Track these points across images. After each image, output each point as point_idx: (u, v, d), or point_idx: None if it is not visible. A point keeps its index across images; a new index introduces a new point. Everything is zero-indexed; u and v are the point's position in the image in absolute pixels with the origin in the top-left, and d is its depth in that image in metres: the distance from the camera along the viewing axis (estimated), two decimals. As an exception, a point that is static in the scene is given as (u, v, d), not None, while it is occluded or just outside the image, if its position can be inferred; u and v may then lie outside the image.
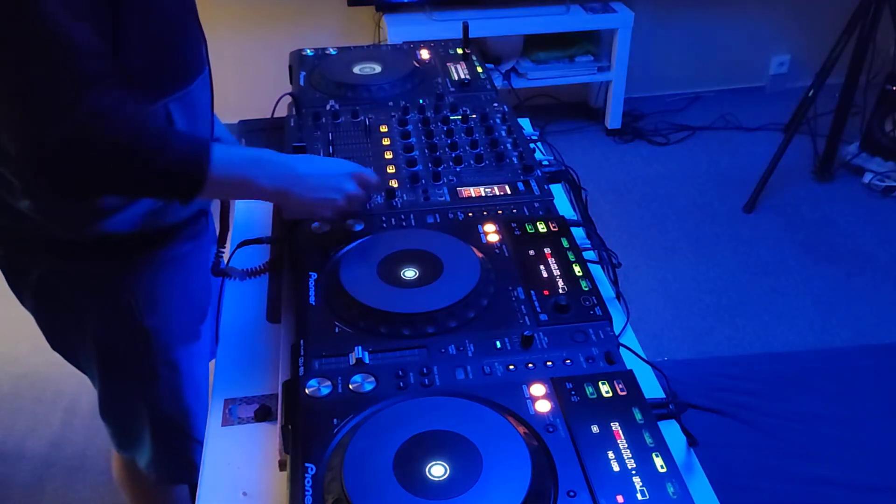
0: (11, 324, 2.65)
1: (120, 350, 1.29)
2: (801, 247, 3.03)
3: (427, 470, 0.77)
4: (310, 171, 1.10)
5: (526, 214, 1.17)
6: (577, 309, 0.99)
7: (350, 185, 1.11)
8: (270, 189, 1.06)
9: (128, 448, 1.47)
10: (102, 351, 1.30)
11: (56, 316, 1.30)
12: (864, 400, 1.74)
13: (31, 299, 1.28)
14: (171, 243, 1.26)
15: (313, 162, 1.16)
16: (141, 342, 1.28)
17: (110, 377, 1.35)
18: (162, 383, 1.33)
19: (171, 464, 1.45)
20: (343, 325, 0.97)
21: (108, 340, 1.28)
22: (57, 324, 1.32)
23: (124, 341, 1.28)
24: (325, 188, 1.09)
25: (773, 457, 1.61)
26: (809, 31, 3.92)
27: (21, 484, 2.15)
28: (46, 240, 1.18)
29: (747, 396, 1.74)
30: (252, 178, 1.05)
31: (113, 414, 1.43)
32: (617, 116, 3.73)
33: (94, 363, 1.33)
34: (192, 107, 1.18)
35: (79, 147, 0.94)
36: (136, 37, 1.04)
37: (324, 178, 1.10)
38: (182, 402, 1.37)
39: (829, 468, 1.59)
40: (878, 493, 1.54)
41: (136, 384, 1.33)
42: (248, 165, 1.06)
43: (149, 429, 1.39)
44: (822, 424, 1.68)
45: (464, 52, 1.67)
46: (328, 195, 1.09)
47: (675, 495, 0.75)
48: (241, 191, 1.07)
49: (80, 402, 2.38)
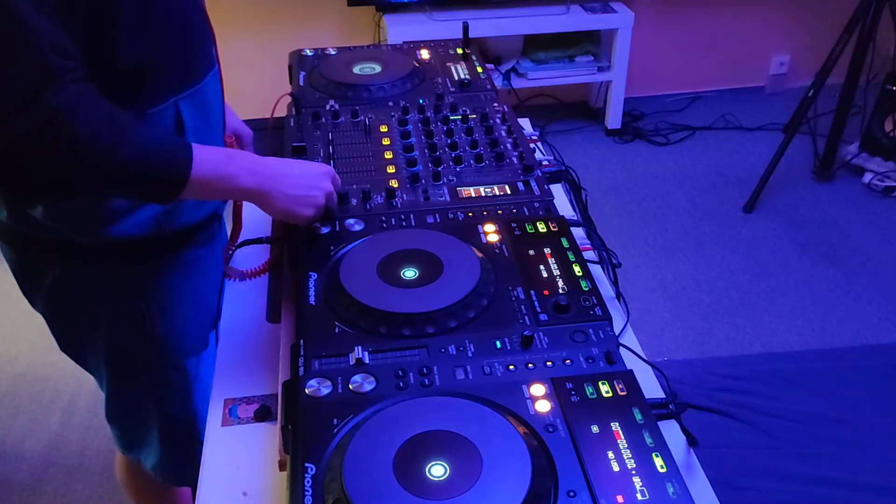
0: (11, 324, 2.66)
1: (131, 354, 1.29)
2: (801, 247, 3.03)
3: (427, 470, 0.77)
4: (288, 171, 1.10)
5: (526, 214, 1.17)
6: (577, 309, 0.99)
7: (327, 184, 1.12)
8: (250, 187, 1.06)
9: (133, 449, 1.47)
10: (113, 354, 1.30)
11: (68, 319, 1.30)
12: (864, 400, 1.74)
13: (44, 302, 1.28)
14: (185, 247, 1.26)
15: (289, 162, 1.15)
16: (152, 347, 1.28)
17: (120, 380, 1.34)
18: (172, 388, 1.33)
19: (178, 466, 1.45)
20: (343, 325, 0.97)
21: (119, 344, 1.28)
22: (69, 326, 1.32)
23: (135, 346, 1.27)
24: (305, 186, 1.09)
25: (773, 457, 1.61)
26: (809, 31, 3.92)
27: (20, 484, 2.15)
28: (61, 244, 1.17)
29: (747, 396, 1.74)
30: (232, 175, 1.04)
31: (121, 416, 1.42)
32: (617, 116, 3.73)
33: (103, 366, 1.32)
34: (202, 105, 1.17)
35: (31, 146, 0.91)
36: (133, 32, 1.02)
37: (302, 176, 1.10)
38: (191, 407, 1.37)
39: (829, 468, 1.59)
40: (878, 493, 1.54)
41: (146, 388, 1.33)
42: (227, 163, 1.05)
43: (157, 432, 1.39)
44: (822, 424, 1.68)
45: (464, 52, 1.67)
46: (308, 193, 1.09)
47: (675, 495, 0.75)
48: (221, 189, 1.06)
49: (78, 403, 2.38)
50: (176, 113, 1.13)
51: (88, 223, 1.14)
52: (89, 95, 0.94)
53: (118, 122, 0.96)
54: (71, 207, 1.13)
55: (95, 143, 0.93)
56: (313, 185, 1.10)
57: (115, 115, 0.96)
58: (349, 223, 1.14)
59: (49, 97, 0.90)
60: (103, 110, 0.95)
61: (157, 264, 1.24)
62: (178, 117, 1.13)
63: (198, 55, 1.16)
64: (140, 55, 1.04)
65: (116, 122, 0.96)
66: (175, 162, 0.99)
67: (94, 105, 0.94)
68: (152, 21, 1.05)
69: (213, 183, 1.03)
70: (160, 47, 1.07)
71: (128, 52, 1.03)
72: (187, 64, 1.14)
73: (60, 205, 1.12)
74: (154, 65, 1.07)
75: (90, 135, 0.93)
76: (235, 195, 1.08)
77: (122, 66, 1.03)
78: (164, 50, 1.08)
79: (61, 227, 1.14)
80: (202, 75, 1.17)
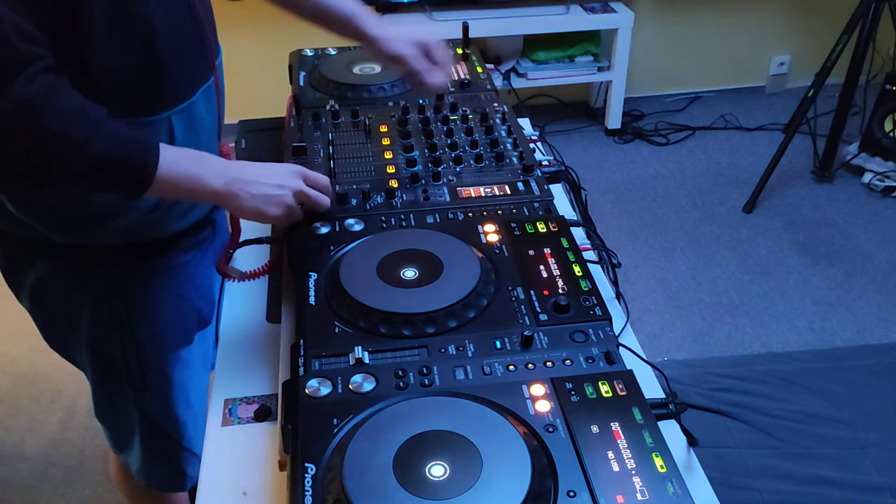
0: (10, 324, 2.65)
1: (111, 356, 1.28)
2: (801, 247, 3.03)
3: (427, 470, 0.77)
4: (255, 171, 1.10)
5: (526, 214, 1.17)
6: (576, 309, 0.99)
7: (296, 182, 1.11)
8: (217, 188, 1.05)
9: (122, 449, 1.47)
10: (95, 355, 1.29)
11: (51, 318, 1.30)
12: (864, 400, 1.74)
13: (28, 300, 1.28)
14: (169, 253, 1.25)
15: (258, 164, 1.14)
16: (131, 351, 1.27)
17: (103, 381, 1.34)
18: (153, 392, 1.33)
19: (161, 471, 1.45)
20: (343, 325, 0.97)
21: (99, 346, 1.28)
22: (52, 325, 1.32)
23: (115, 348, 1.27)
24: (271, 185, 1.09)
25: (773, 457, 1.61)
26: (809, 31, 3.92)
27: (20, 484, 2.15)
28: (42, 243, 1.17)
29: (747, 396, 1.73)
30: (199, 175, 1.04)
31: (106, 416, 1.42)
32: (617, 116, 3.73)
33: (87, 365, 1.33)
34: (192, 120, 1.16)
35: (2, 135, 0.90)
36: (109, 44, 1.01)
37: (269, 175, 1.10)
38: (172, 412, 1.36)
39: (829, 468, 1.58)
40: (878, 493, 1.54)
41: (127, 390, 1.33)
42: (195, 163, 1.05)
43: (139, 435, 1.39)
44: (822, 424, 1.68)
45: (464, 52, 1.67)
46: (274, 192, 1.09)
47: (675, 495, 0.75)
48: (189, 189, 1.05)
49: (78, 402, 2.38)
50: (168, 127, 1.12)
51: (67, 227, 1.14)
52: (61, 88, 0.93)
53: (91, 117, 0.95)
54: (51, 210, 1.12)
55: (67, 137, 0.93)
56: (280, 185, 1.10)
57: (87, 110, 0.95)
58: (349, 223, 1.14)
59: (18, 87, 0.89)
60: (76, 104, 0.94)
61: (139, 268, 1.23)
62: (170, 132, 1.12)
63: (186, 71, 1.14)
64: (115, 63, 1.03)
65: (89, 116, 0.95)
66: (142, 160, 0.99)
67: (67, 98, 0.94)
68: (130, 30, 1.03)
69: (180, 183, 1.03)
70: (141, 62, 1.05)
71: (102, 59, 1.01)
72: (174, 79, 1.12)
73: (38, 206, 1.11)
74: (133, 74, 1.05)
75: (62, 128, 0.92)
76: (203, 196, 1.08)
77: (94, 72, 1.01)
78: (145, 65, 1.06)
79: (41, 228, 1.14)
80: (193, 90, 1.15)
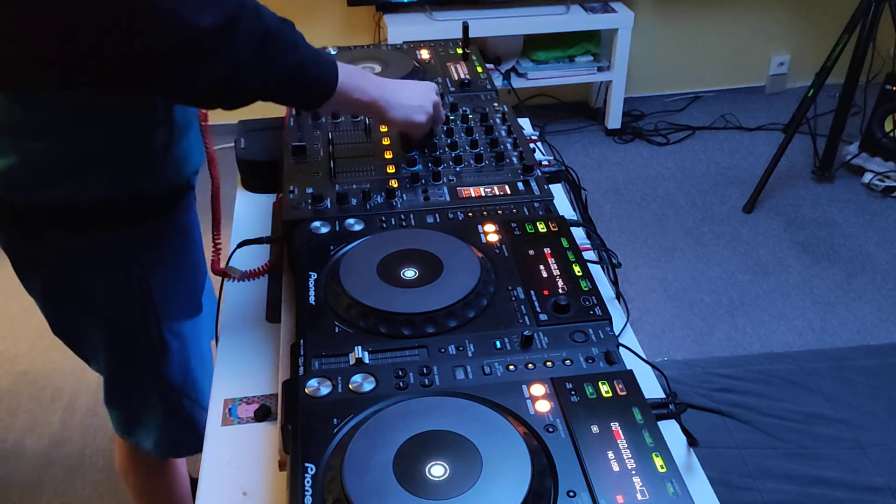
0: (11, 322, 2.66)
1: (129, 324, 1.30)
2: (801, 247, 3.03)
3: (427, 470, 0.77)
4: (401, 85, 1.24)
5: (526, 214, 1.17)
6: (576, 309, 0.99)
7: (434, 95, 1.27)
8: (375, 97, 1.17)
9: (133, 433, 1.47)
10: (111, 328, 1.30)
11: (64, 298, 1.30)
12: (864, 400, 1.74)
13: (38, 282, 1.28)
14: (173, 213, 1.28)
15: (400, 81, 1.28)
16: (151, 313, 1.30)
17: (119, 358, 1.35)
18: (171, 355, 1.35)
19: (180, 435, 1.47)
20: (343, 325, 0.97)
21: (117, 317, 1.29)
22: (64, 307, 1.31)
23: (133, 314, 1.29)
24: (418, 96, 1.24)
25: (773, 457, 1.61)
26: (809, 31, 3.92)
27: (20, 482, 2.15)
28: (46, 212, 1.16)
29: (747, 396, 1.73)
30: (363, 87, 1.15)
31: (118, 398, 1.43)
32: (617, 116, 3.73)
33: (101, 344, 1.33)
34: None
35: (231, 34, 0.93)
36: None
37: (414, 87, 1.26)
38: (190, 372, 1.40)
39: (830, 468, 1.58)
40: (879, 494, 1.54)
41: (146, 359, 1.35)
42: (359, 76, 1.15)
43: (155, 406, 1.41)
44: (822, 424, 1.68)
45: (464, 52, 1.67)
46: (419, 102, 1.24)
47: (675, 495, 0.75)
48: (352, 100, 1.14)
49: (79, 401, 2.38)
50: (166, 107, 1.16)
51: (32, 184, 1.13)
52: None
53: (289, 22, 1.03)
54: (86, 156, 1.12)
55: (282, 34, 1.00)
56: (424, 96, 1.25)
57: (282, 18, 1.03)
58: (349, 223, 1.14)
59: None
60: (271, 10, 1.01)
61: (149, 230, 1.26)
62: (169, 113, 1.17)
63: None
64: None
65: (288, 21, 1.03)
66: (331, 68, 1.09)
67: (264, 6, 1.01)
68: None
69: (349, 93, 1.13)
70: None
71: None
72: None
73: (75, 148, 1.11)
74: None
75: (277, 27, 0.99)
76: (359, 106, 1.18)
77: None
78: None
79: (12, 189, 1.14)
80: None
